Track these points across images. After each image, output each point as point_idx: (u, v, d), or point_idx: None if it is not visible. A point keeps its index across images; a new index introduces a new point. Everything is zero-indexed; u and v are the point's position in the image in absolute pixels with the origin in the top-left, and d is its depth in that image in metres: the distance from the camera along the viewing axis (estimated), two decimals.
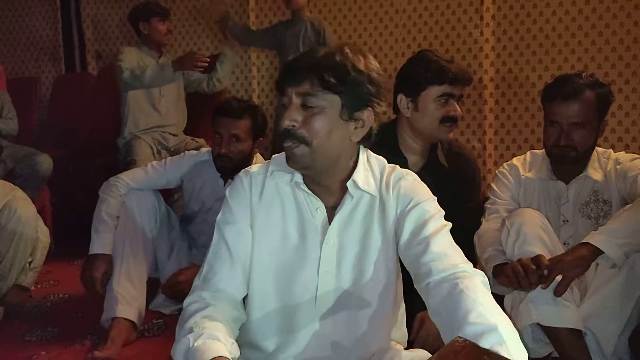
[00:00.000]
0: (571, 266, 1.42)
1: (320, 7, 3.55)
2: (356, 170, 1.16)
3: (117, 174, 2.05)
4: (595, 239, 1.44)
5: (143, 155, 2.74)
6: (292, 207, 1.17)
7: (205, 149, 2.16)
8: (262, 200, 1.17)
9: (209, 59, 2.88)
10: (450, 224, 1.17)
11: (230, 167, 2.02)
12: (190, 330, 1.04)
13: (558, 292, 1.41)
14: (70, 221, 2.99)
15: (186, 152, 2.17)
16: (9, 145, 2.97)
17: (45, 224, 2.44)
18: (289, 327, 1.16)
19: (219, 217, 1.19)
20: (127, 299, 1.82)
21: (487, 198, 1.80)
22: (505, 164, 1.82)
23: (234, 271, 1.15)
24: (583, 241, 1.46)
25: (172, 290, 1.96)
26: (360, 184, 1.15)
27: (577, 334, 1.45)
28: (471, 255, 1.68)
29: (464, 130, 3.34)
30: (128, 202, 1.95)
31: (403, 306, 1.28)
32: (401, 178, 1.20)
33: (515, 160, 1.80)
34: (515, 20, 3.20)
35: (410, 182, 1.20)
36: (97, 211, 1.94)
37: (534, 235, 1.48)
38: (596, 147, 1.71)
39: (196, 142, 2.99)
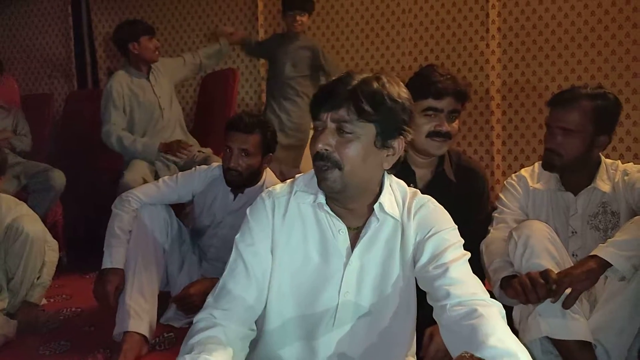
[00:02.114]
0: (580, 279, 1.42)
1: (327, 22, 3.59)
2: (382, 194, 1.17)
3: (122, 186, 2.08)
4: (604, 251, 1.44)
5: (135, 173, 2.73)
6: (314, 228, 1.18)
7: (216, 164, 2.19)
8: (285, 222, 1.18)
9: (191, 150, 2.91)
10: (469, 254, 1.17)
11: (238, 181, 2.04)
12: (191, 350, 1.05)
13: (567, 304, 1.41)
14: (83, 235, 3.03)
15: (197, 167, 2.20)
16: (22, 162, 3.03)
17: (57, 238, 2.48)
18: (307, 346, 1.18)
19: (237, 236, 1.21)
20: (138, 313, 1.84)
21: (495, 207, 1.80)
22: (513, 175, 1.82)
23: (249, 290, 1.16)
24: (591, 254, 1.46)
25: (183, 302, 1.98)
26: (386, 208, 1.16)
27: (587, 347, 1.44)
28: (480, 266, 1.68)
29: (472, 141, 3.35)
30: (140, 216, 1.98)
31: (414, 324, 1.29)
32: (422, 205, 1.21)
33: (523, 172, 1.81)
34: (521, 32, 3.22)
35: (432, 209, 1.21)
36: (109, 226, 1.98)
37: (542, 248, 1.48)
38: (604, 159, 1.72)
39: (203, 152, 3.03)
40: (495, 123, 3.29)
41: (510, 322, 1.55)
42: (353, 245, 1.17)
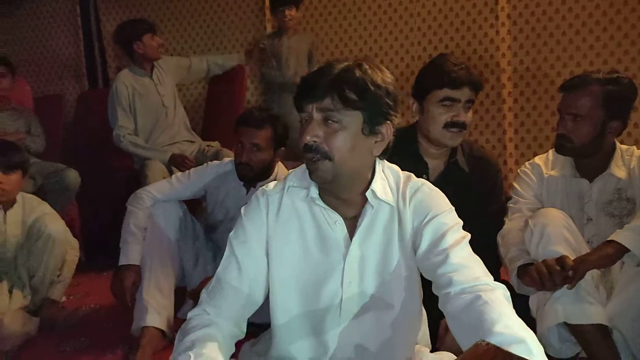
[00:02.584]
0: (596, 265, 1.41)
1: (335, 14, 3.57)
2: (374, 180, 1.17)
3: (142, 187, 2.10)
4: (621, 236, 1.43)
5: (155, 176, 2.76)
6: (310, 222, 1.18)
7: (228, 159, 2.20)
8: (280, 219, 1.18)
9: (193, 163, 2.91)
10: (469, 235, 1.16)
11: (251, 175, 2.05)
12: (192, 347, 1.06)
13: (572, 285, 1.41)
14: (99, 233, 3.06)
15: (209, 162, 2.21)
16: (37, 162, 3.06)
17: (75, 237, 2.52)
18: (317, 339, 1.18)
19: (231, 233, 1.21)
20: (156, 308, 1.86)
21: (510, 197, 1.79)
22: (527, 163, 1.81)
23: (241, 289, 1.17)
24: (608, 239, 1.45)
25: (199, 296, 1.99)
26: (379, 194, 1.16)
27: (604, 332, 1.44)
28: (494, 256, 1.68)
29: (484, 130, 3.32)
30: (155, 213, 2.00)
31: (423, 310, 1.29)
32: (417, 190, 1.19)
33: (537, 159, 1.79)
34: (531, 18, 3.18)
35: (427, 193, 1.19)
36: (125, 223, 2.00)
37: (558, 235, 1.47)
38: (619, 144, 1.70)
39: (212, 146, 3.04)
40: (507, 111, 3.26)
41: (527, 311, 1.56)
42: (351, 235, 1.16)
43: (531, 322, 1.52)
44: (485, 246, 1.73)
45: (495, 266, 1.74)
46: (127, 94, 2.98)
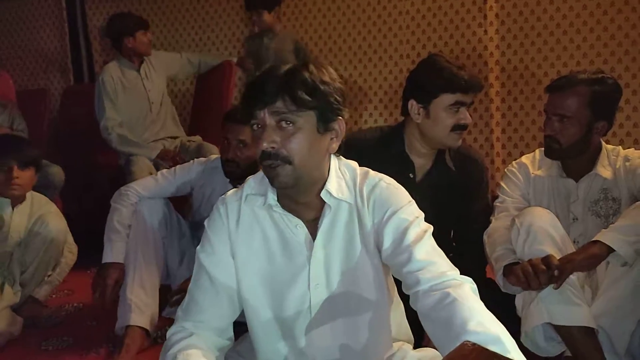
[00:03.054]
0: (582, 265, 1.42)
1: (324, 12, 3.56)
2: (328, 179, 1.16)
3: (127, 184, 2.07)
4: (606, 236, 1.44)
5: (141, 172, 2.76)
6: (272, 228, 1.17)
7: (214, 156, 2.18)
8: (240, 227, 1.18)
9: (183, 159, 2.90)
10: (431, 227, 1.16)
11: (237, 172, 2.03)
12: (174, 358, 1.06)
13: (557, 284, 1.41)
14: (83, 231, 3.02)
15: (195, 159, 2.19)
16: None
17: None
18: (290, 342, 1.18)
19: (198, 247, 1.21)
20: (140, 307, 1.84)
21: (496, 197, 1.79)
22: (514, 162, 1.81)
23: (217, 299, 1.16)
24: (594, 239, 1.46)
25: (181, 295, 1.97)
26: (334, 193, 1.15)
27: (589, 332, 1.44)
28: (481, 254, 1.69)
29: (471, 129, 3.33)
30: (139, 210, 1.97)
31: (401, 305, 1.28)
32: (375, 186, 1.18)
33: (524, 159, 1.80)
34: (519, 18, 3.20)
35: (385, 189, 1.18)
36: (109, 220, 1.97)
37: (544, 234, 1.48)
38: (605, 145, 1.71)
39: (193, 141, 3.02)
40: (494, 111, 3.27)
41: (513, 310, 1.56)
42: (314, 237, 1.16)
43: (517, 321, 1.53)
44: (471, 244, 1.75)
45: (481, 265, 1.75)
46: (113, 86, 2.96)
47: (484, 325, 0.94)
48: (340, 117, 1.13)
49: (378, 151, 1.75)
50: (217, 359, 1.14)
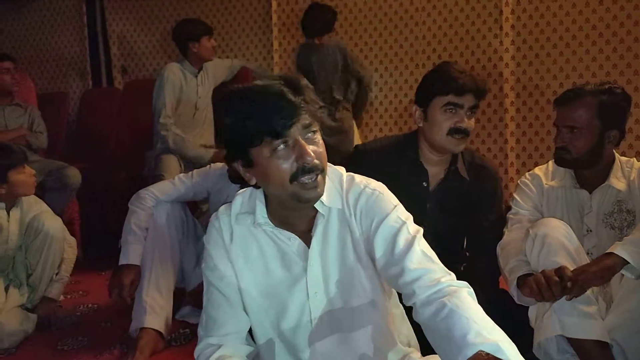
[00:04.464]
0: (595, 277, 1.41)
1: (341, 21, 3.59)
2: None
3: (144, 186, 2.10)
4: (620, 249, 1.43)
5: (171, 171, 2.79)
6: (267, 240, 1.17)
7: None
8: (235, 240, 1.18)
9: None
10: (421, 229, 1.14)
11: (234, 177, 2.06)
12: None
13: (570, 296, 1.41)
14: (99, 232, 3.06)
15: (212, 164, 2.21)
16: (39, 159, 3.07)
17: (74, 236, 2.52)
18: (293, 351, 1.18)
19: (203, 264, 1.22)
20: (155, 309, 1.86)
21: (509, 208, 1.79)
22: (527, 174, 1.81)
23: (233, 311, 1.17)
24: (608, 251, 1.45)
25: (198, 298, 1.99)
26: (326, 202, 1.14)
27: (603, 346, 1.43)
28: (493, 265, 1.68)
29: (485, 139, 3.34)
30: (156, 214, 2.00)
31: (401, 307, 1.27)
32: (360, 194, 1.17)
33: (537, 170, 1.80)
34: (535, 29, 3.20)
35: (369, 196, 1.16)
36: (126, 223, 2.00)
37: (559, 246, 1.47)
38: (618, 156, 1.71)
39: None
40: (509, 121, 3.27)
41: (527, 320, 1.56)
42: (309, 246, 1.16)
43: (530, 332, 1.53)
44: (484, 255, 1.75)
45: (493, 275, 1.75)
46: (174, 84, 2.98)
47: (482, 335, 0.94)
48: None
49: (392, 159, 1.76)
50: None
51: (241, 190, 1.23)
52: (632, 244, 1.43)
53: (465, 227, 1.81)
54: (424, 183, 1.76)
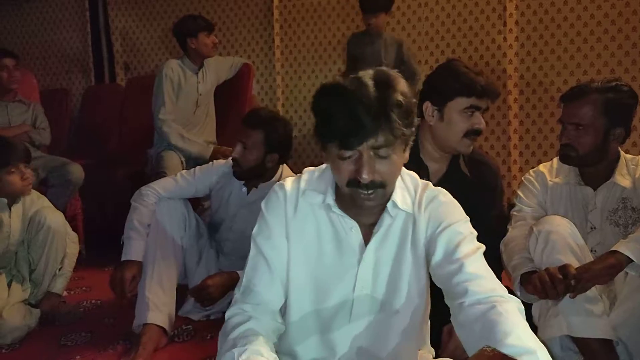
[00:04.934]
0: (600, 275, 1.41)
1: (342, 17, 3.58)
2: (395, 190, 1.15)
3: (146, 183, 2.10)
4: (625, 247, 1.42)
5: (173, 168, 2.80)
6: (327, 224, 1.17)
7: None
8: (297, 215, 1.18)
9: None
10: (483, 247, 1.16)
11: (238, 173, 2.07)
12: (235, 344, 1.06)
13: (575, 293, 1.40)
14: (102, 229, 3.06)
15: (214, 161, 2.21)
16: (42, 155, 3.07)
17: (77, 232, 2.52)
18: (324, 338, 1.19)
19: (255, 230, 1.21)
20: (157, 305, 1.86)
21: (513, 205, 1.79)
22: (531, 171, 1.81)
23: (273, 283, 1.17)
24: (612, 249, 1.45)
25: (200, 294, 1.99)
26: (400, 204, 1.15)
27: (608, 344, 1.43)
28: (495, 262, 1.68)
29: (489, 136, 3.32)
30: (159, 210, 2.00)
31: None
32: (434, 198, 1.19)
33: (541, 167, 1.79)
34: (539, 25, 3.18)
35: (442, 202, 1.19)
36: (129, 219, 2.00)
37: (563, 243, 1.47)
38: (623, 153, 1.70)
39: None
40: (512, 118, 3.26)
41: (530, 318, 1.55)
42: (366, 241, 1.16)
43: (533, 330, 1.52)
44: (486, 251, 1.74)
45: (496, 272, 1.74)
46: (173, 80, 2.99)
47: (522, 339, 0.94)
48: (412, 128, 1.10)
49: None
50: (273, 341, 1.14)
51: (310, 168, 1.23)
52: (637, 242, 1.42)
53: None
54: (424, 179, 1.75)
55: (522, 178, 1.81)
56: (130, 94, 3.81)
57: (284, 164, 2.18)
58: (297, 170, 2.44)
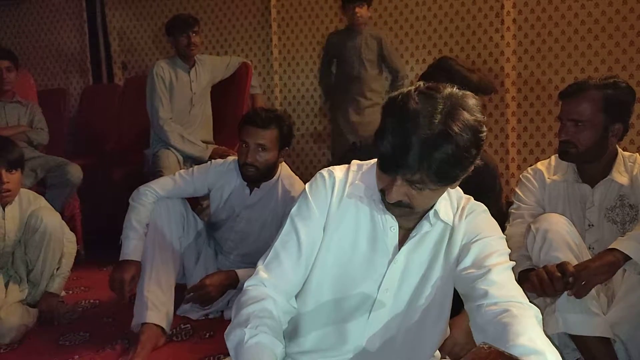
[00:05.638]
0: (598, 272, 1.41)
1: (340, 16, 3.58)
2: (438, 201, 1.14)
3: (145, 182, 2.10)
4: (623, 245, 1.43)
5: (170, 167, 2.80)
6: (367, 219, 1.17)
7: (232, 158, 2.20)
8: (341, 204, 1.17)
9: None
10: (514, 263, 1.16)
11: (255, 176, 2.05)
12: (248, 321, 1.05)
13: (578, 294, 1.40)
14: (100, 228, 3.06)
15: (212, 161, 2.21)
16: (40, 155, 3.06)
17: (75, 232, 2.52)
18: (338, 332, 1.18)
19: (293, 209, 1.19)
20: (156, 305, 1.86)
21: (511, 203, 1.79)
22: (529, 169, 1.81)
23: (299, 266, 1.15)
24: (610, 247, 1.45)
25: (198, 293, 1.99)
26: (442, 215, 1.15)
27: (605, 342, 1.43)
28: None
29: (487, 134, 3.32)
30: (157, 210, 2.00)
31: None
32: (474, 211, 1.19)
33: (539, 165, 1.79)
34: (536, 23, 3.19)
35: (482, 216, 1.19)
36: (127, 219, 2.00)
37: (560, 241, 1.47)
38: (621, 151, 1.70)
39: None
40: (510, 116, 3.26)
41: None
42: (401, 243, 1.16)
43: None
44: None
45: None
46: (163, 80, 2.99)
47: (533, 340, 0.94)
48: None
49: None
50: (284, 323, 1.14)
51: (357, 162, 1.21)
52: (635, 240, 1.43)
53: None
54: None
55: (520, 176, 1.82)
56: (128, 93, 3.80)
57: (283, 162, 2.18)
58: (295, 170, 2.45)
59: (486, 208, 1.22)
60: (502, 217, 1.77)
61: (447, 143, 0.98)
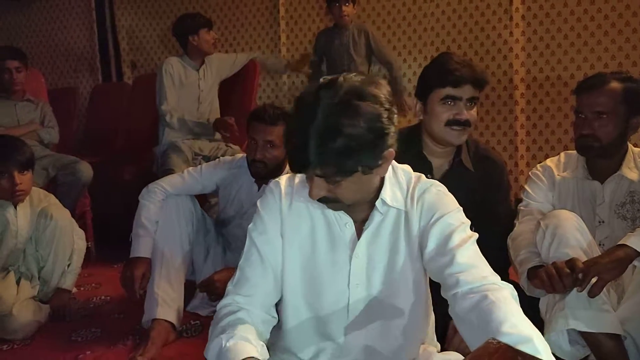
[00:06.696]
0: (607, 269, 1.40)
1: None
2: (383, 188, 1.15)
3: (154, 180, 2.12)
4: (633, 240, 1.42)
5: (179, 165, 2.82)
6: (321, 219, 1.18)
7: (240, 155, 2.21)
8: (292, 210, 1.19)
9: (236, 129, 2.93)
10: (476, 235, 1.16)
11: (264, 172, 2.06)
12: (223, 331, 1.08)
13: (592, 293, 1.40)
14: (110, 226, 3.08)
15: (221, 158, 2.22)
16: (51, 154, 3.09)
17: (86, 229, 2.55)
18: (323, 336, 1.19)
19: (250, 225, 1.22)
20: (166, 301, 1.88)
21: (520, 200, 1.78)
22: (538, 165, 1.80)
23: (266, 277, 1.18)
24: (620, 243, 1.44)
25: (207, 288, 2.00)
26: (389, 201, 1.16)
27: (615, 339, 1.42)
28: (502, 258, 1.68)
29: (495, 131, 3.32)
30: (166, 207, 2.01)
31: (432, 312, 1.29)
32: (425, 191, 1.19)
33: (549, 162, 1.78)
34: (545, 19, 3.17)
35: (434, 194, 1.18)
36: (137, 216, 2.02)
37: (570, 237, 1.46)
38: (631, 146, 1.69)
39: (231, 148, 3.06)
40: (519, 113, 3.25)
41: (537, 313, 1.55)
42: (359, 237, 1.17)
43: (541, 324, 1.52)
44: (493, 247, 1.74)
45: (503, 267, 1.74)
46: (173, 76, 3.03)
47: (517, 327, 0.95)
48: (388, 150, 1.07)
49: (397, 152, 1.75)
50: (262, 333, 1.15)
51: None
52: None
53: (473, 219, 1.79)
54: (428, 175, 1.75)
55: (530, 173, 1.81)
56: (137, 92, 3.82)
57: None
58: None
59: (437, 183, 1.22)
60: (511, 214, 1.76)
61: (338, 136, 0.99)
